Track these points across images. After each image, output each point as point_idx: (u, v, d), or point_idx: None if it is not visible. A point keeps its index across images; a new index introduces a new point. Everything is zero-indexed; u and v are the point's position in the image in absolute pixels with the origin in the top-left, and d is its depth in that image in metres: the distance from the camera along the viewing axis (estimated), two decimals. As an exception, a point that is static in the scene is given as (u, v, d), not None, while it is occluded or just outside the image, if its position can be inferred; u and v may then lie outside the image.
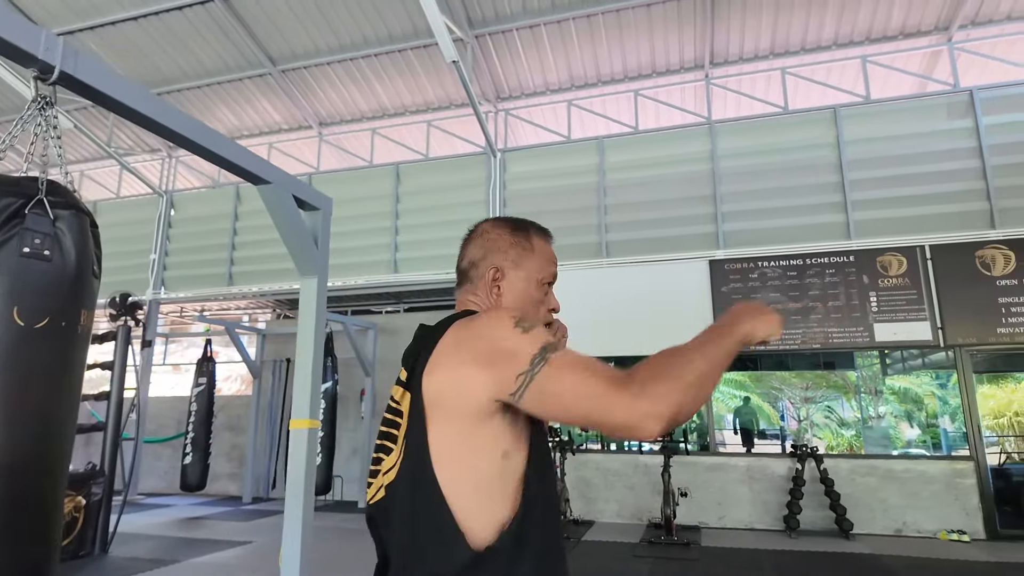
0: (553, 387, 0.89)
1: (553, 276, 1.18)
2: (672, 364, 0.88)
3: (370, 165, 9.65)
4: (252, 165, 2.67)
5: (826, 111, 7.71)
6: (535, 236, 1.18)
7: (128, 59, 9.48)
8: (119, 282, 9.87)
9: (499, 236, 1.17)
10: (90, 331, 1.77)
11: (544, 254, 1.17)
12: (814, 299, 7.22)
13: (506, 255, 1.14)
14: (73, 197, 1.75)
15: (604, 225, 8.16)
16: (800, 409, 15.69)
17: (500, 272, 1.13)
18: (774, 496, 6.90)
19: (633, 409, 0.84)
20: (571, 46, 8.66)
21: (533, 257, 1.15)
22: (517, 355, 0.91)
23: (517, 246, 1.15)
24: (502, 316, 0.98)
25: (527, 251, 1.15)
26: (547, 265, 1.16)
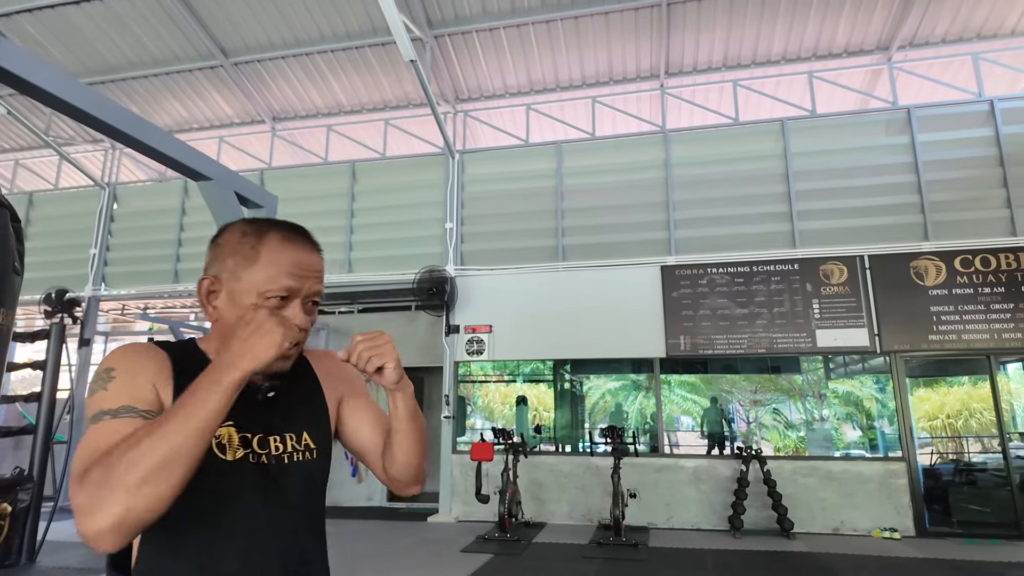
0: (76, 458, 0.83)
1: (286, 289, 0.98)
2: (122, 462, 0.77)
3: (325, 162, 9.48)
4: (191, 160, 2.59)
5: (774, 123, 7.97)
6: (271, 242, 1.00)
7: (70, 45, 9.07)
8: (56, 277, 9.43)
9: (226, 241, 1.02)
10: (10, 330, 1.68)
11: (277, 263, 0.98)
12: (760, 305, 7.45)
13: (225, 264, 1.00)
14: (-11, 189, 1.66)
15: (561, 229, 8.23)
16: (749, 411, 16.16)
17: (216, 283, 1.00)
18: (720, 497, 7.07)
19: (82, 525, 0.76)
20: (530, 51, 8.71)
21: (257, 267, 0.98)
22: (89, 409, 0.89)
23: (238, 254, 0.99)
24: (102, 364, 0.93)
25: (249, 260, 0.98)
26: (278, 277, 0.98)
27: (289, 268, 0.99)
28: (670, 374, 10.54)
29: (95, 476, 0.77)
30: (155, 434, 0.79)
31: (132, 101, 9.99)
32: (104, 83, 9.68)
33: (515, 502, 6.93)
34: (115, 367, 0.91)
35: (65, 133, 10.67)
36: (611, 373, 10.74)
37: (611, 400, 16.21)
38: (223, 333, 0.99)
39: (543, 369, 9.68)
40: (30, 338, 6.09)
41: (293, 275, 0.99)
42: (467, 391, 9.71)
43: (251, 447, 0.99)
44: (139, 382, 0.91)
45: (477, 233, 8.52)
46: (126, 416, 0.86)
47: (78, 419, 8.97)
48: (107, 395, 0.88)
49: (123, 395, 0.88)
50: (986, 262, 7.00)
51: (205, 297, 1.00)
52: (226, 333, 0.96)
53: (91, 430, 0.84)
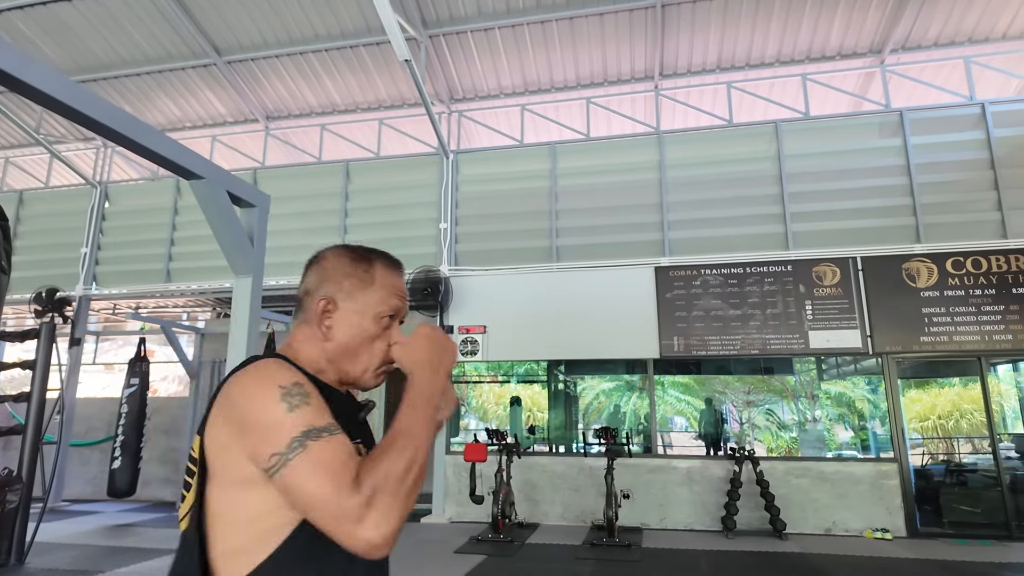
0: (299, 482, 0.83)
1: (395, 310, 1.07)
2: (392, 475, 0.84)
3: (319, 162, 9.44)
4: (183, 159, 2.57)
5: (768, 125, 8.00)
6: (379, 267, 1.09)
7: (62, 43, 9.00)
8: (47, 276, 9.35)
9: (336, 265, 1.08)
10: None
11: (387, 286, 1.07)
12: (753, 306, 7.47)
13: (340, 286, 1.06)
14: (-24, 187, 1.64)
15: (555, 230, 8.23)
16: (742, 412, 16.21)
17: (332, 303, 1.05)
18: (713, 497, 7.09)
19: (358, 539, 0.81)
20: (525, 51, 8.71)
21: (372, 289, 1.06)
22: (275, 432, 0.86)
23: (354, 276, 1.06)
24: (268, 384, 0.90)
25: (365, 282, 1.06)
26: (388, 298, 1.07)
27: (396, 291, 1.08)
28: (664, 375, 10.57)
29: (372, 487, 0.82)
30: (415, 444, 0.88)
31: (125, 99, 9.92)
32: (96, 81, 9.60)
33: (509, 503, 6.93)
34: (301, 382, 0.92)
35: (56, 131, 10.59)
36: (605, 374, 10.76)
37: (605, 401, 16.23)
38: (336, 351, 1.04)
39: (537, 370, 9.68)
40: (19, 337, 6.04)
41: (399, 297, 1.09)
42: (461, 392, 9.69)
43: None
44: (322, 403, 0.93)
45: (471, 233, 8.51)
46: (338, 433, 0.88)
47: (67, 420, 8.91)
48: (313, 411, 0.89)
49: (324, 413, 0.90)
50: (977, 264, 7.04)
51: (319, 316, 1.04)
52: (339, 351, 1.04)
53: (323, 444, 0.85)
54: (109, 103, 2.30)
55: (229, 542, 0.90)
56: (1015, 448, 7.33)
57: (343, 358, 1.04)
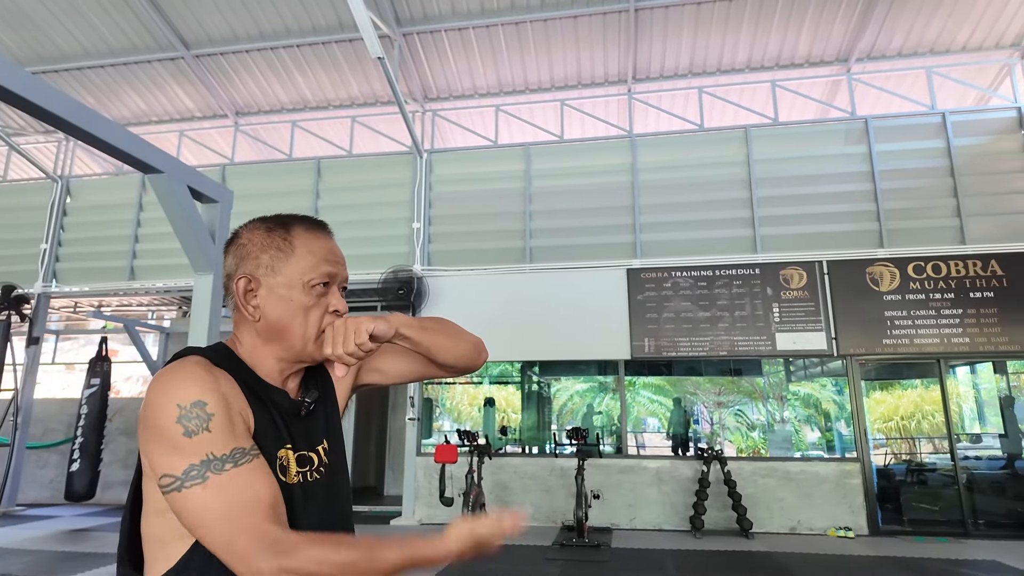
0: (195, 515, 0.80)
1: (328, 275, 1.00)
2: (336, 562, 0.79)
3: (289, 159, 9.30)
4: (141, 152, 2.50)
5: (738, 130, 8.12)
6: (299, 232, 1.01)
7: (21, 32, 8.71)
8: (4, 273, 9.05)
9: (252, 239, 1.00)
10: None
11: (313, 252, 1.00)
12: (722, 309, 7.57)
13: (259, 261, 0.98)
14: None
15: (528, 231, 8.24)
16: (713, 413, 16.43)
17: (253, 281, 0.98)
18: (682, 497, 7.16)
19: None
20: (499, 52, 8.70)
21: (295, 258, 0.98)
22: (170, 455, 0.81)
23: (272, 247, 0.99)
24: (168, 400, 0.83)
25: (285, 252, 0.98)
26: (318, 264, 0.99)
27: (324, 255, 1.01)
28: (635, 376, 10.64)
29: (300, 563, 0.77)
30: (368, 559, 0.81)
31: (88, 92, 9.65)
32: (58, 72, 9.32)
33: (479, 504, 6.89)
34: (206, 400, 0.84)
35: (15, 123, 10.24)
36: (577, 375, 10.79)
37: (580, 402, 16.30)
38: (268, 330, 0.98)
39: (512, 371, 9.67)
40: (-29, 336, 5.82)
41: (329, 261, 1.01)
42: (435, 393, 9.64)
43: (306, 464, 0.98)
44: (233, 417, 0.86)
45: (444, 233, 8.46)
46: (244, 461, 0.83)
47: (23, 422, 8.62)
48: (213, 438, 0.82)
49: (228, 436, 0.83)
50: (937, 269, 7.25)
51: (243, 297, 0.98)
52: (272, 329, 0.97)
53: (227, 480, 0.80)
54: (63, 94, 2.22)
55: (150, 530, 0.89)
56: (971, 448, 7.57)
57: (278, 336, 0.98)
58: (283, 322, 0.97)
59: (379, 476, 10.50)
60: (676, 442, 9.44)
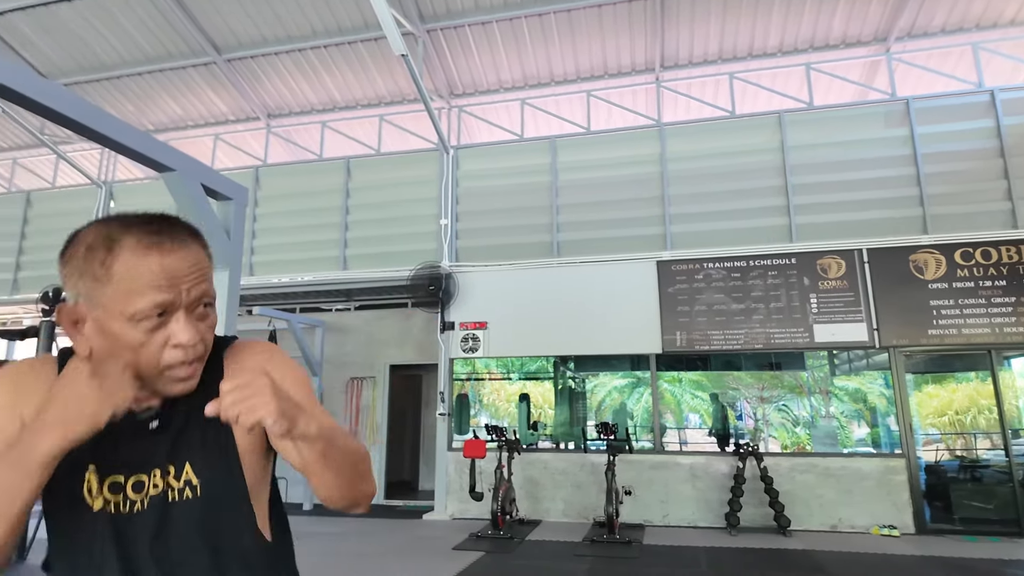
0: None
1: (158, 305, 0.81)
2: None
3: (320, 159, 9.44)
4: (153, 151, 2.54)
5: (771, 116, 7.87)
6: (124, 253, 0.81)
7: (63, 43, 9.06)
8: (54, 275, 9.42)
9: (73, 258, 0.83)
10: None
11: (135, 277, 0.81)
12: (757, 300, 7.36)
13: (77, 289, 0.83)
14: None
15: (556, 224, 8.16)
16: (757, 409, 16.01)
17: (76, 313, 0.83)
18: (716, 494, 7.00)
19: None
20: (524, 45, 8.64)
21: (111, 287, 0.80)
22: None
23: (87, 274, 0.81)
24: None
25: (100, 281, 0.81)
26: (142, 292, 0.81)
27: (154, 280, 0.81)
28: (667, 371, 10.46)
29: None
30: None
31: (127, 99, 9.99)
32: (99, 81, 9.67)
33: (509, 499, 6.88)
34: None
35: (62, 132, 10.67)
36: (610, 370, 10.65)
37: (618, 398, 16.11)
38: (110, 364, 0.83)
39: (547, 367, 9.62)
40: (19, 335, 6.08)
41: (161, 287, 0.81)
42: (473, 389, 9.66)
43: (122, 492, 0.87)
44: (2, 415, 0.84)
45: (472, 229, 8.46)
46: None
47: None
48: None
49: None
50: (987, 255, 6.88)
51: (71, 327, 0.83)
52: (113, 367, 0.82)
53: None
54: (76, 96, 2.27)
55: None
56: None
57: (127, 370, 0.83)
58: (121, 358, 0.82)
59: (413, 471, 10.60)
60: (716, 438, 9.23)
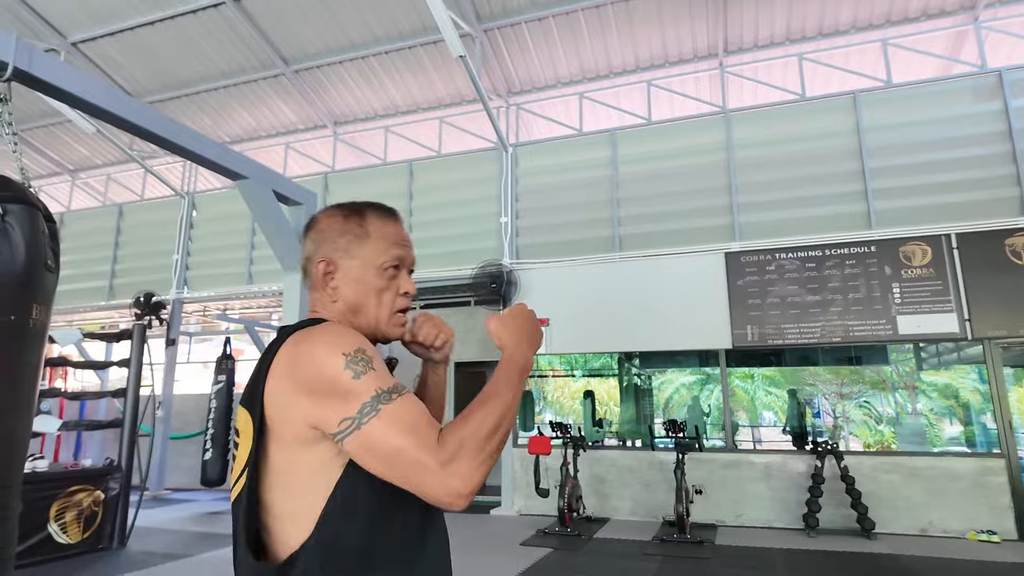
0: (377, 444, 0.86)
1: (398, 259, 1.08)
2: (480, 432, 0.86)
3: (384, 163, 9.69)
4: (227, 160, 2.67)
5: (845, 97, 7.46)
6: (372, 218, 1.09)
7: (147, 63, 9.70)
8: (145, 282, 10.14)
9: (330, 225, 1.09)
10: (45, 325, 1.77)
11: (385, 236, 1.08)
12: (834, 291, 7.00)
13: (336, 245, 1.07)
14: (25, 191, 1.75)
15: (617, 218, 8.05)
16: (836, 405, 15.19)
17: (331, 264, 1.06)
18: (794, 494, 6.72)
19: (443, 486, 0.83)
20: (581, 38, 8.55)
21: (369, 242, 1.07)
22: (345, 398, 0.88)
23: (348, 233, 1.07)
24: (333, 351, 0.91)
25: (360, 237, 1.07)
26: (389, 248, 1.07)
27: (395, 240, 1.09)
28: (738, 367, 10.12)
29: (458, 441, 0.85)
30: (499, 409, 0.89)
31: (204, 113, 10.57)
32: (179, 98, 10.29)
33: (575, 497, 6.85)
34: (363, 348, 0.93)
35: (148, 147, 11.42)
36: (677, 366, 10.42)
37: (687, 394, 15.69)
38: (346, 310, 1.05)
39: (611, 363, 9.52)
40: (115, 338, 6.55)
41: (400, 245, 1.09)
42: (536, 386, 9.68)
43: None
44: (384, 363, 0.95)
45: (532, 226, 8.46)
46: (406, 392, 0.92)
47: (165, 415, 9.62)
48: (378, 375, 0.91)
49: (388, 374, 0.93)
50: (1095, 237, 6.28)
51: (322, 278, 1.06)
52: (349, 309, 1.05)
53: (397, 405, 0.88)
54: (154, 111, 2.40)
55: (287, 504, 0.92)
56: None
57: (355, 315, 1.05)
58: (359, 302, 1.05)
59: (480, 467, 10.71)
60: (792, 436, 8.86)
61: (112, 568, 5.21)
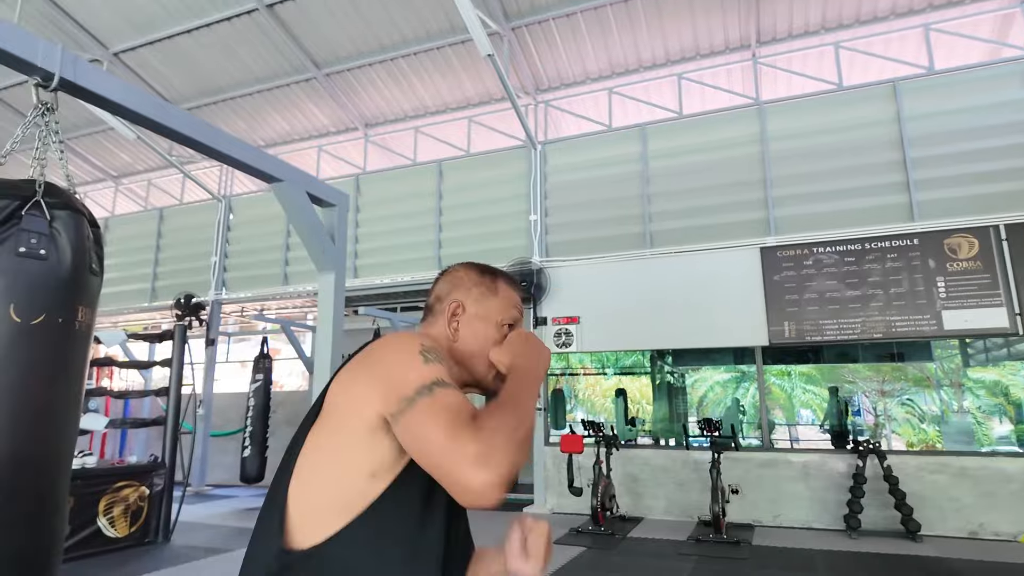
0: (420, 426, 0.89)
1: (514, 319, 1.19)
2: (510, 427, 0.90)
3: (414, 163, 9.76)
4: (263, 164, 2.71)
5: (884, 86, 7.23)
6: (502, 282, 1.22)
7: (184, 71, 9.96)
8: (185, 284, 10.43)
9: (467, 275, 1.21)
10: (91, 327, 1.83)
11: (508, 299, 1.19)
12: (874, 286, 6.80)
13: (469, 292, 1.18)
14: (71, 198, 1.81)
15: (648, 215, 7.96)
16: (876, 403, 14.72)
17: (461, 307, 1.16)
18: (834, 494, 6.55)
19: (477, 479, 0.84)
20: (609, 33, 8.47)
21: (496, 299, 1.18)
22: (407, 379, 0.93)
23: (482, 286, 1.19)
24: (411, 341, 1.00)
25: (491, 292, 1.19)
26: (509, 309, 1.19)
27: (516, 304, 1.21)
28: (777, 363, 9.92)
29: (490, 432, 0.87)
30: (523, 407, 0.95)
31: (239, 118, 10.81)
32: (216, 103, 10.54)
33: (609, 495, 6.80)
34: (433, 348, 1.01)
35: (186, 153, 11.73)
36: (709, 364, 10.27)
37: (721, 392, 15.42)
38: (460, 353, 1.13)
39: (643, 361, 9.44)
40: (157, 338, 6.75)
41: (519, 308, 1.21)
42: (567, 384, 9.65)
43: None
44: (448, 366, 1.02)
45: (562, 224, 8.42)
46: (454, 388, 0.96)
47: (205, 413, 9.89)
48: (444, 368, 0.98)
49: (447, 373, 0.98)
50: None
51: (449, 317, 1.15)
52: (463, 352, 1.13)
53: (447, 392, 0.93)
54: (191, 116, 2.46)
55: (312, 500, 0.94)
56: None
57: (468, 360, 1.13)
58: (474, 349, 1.14)
59: (512, 465, 10.72)
60: (832, 434, 8.63)
61: (158, 562, 5.38)
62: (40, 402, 1.67)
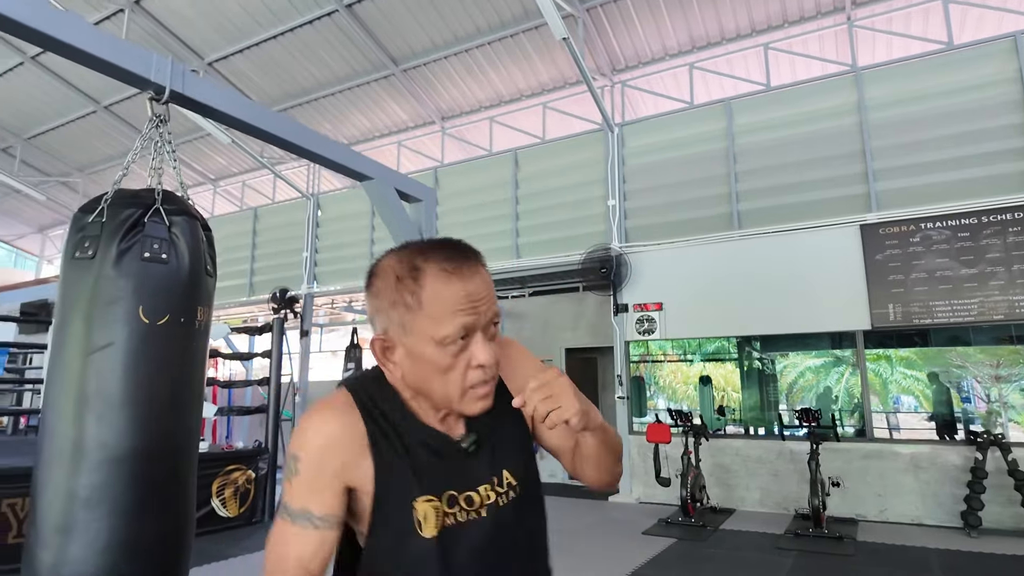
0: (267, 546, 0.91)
1: (464, 327, 0.86)
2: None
3: (489, 153, 9.81)
4: (354, 163, 2.78)
5: (1003, 41, 6.52)
6: (429, 280, 0.87)
7: (272, 75, 10.45)
8: (279, 279, 11.02)
9: (384, 288, 0.90)
10: (208, 325, 1.94)
11: (443, 303, 0.86)
12: (993, 263, 6.20)
13: (390, 319, 0.89)
14: (185, 204, 1.93)
15: (735, 194, 7.61)
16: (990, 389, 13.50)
17: (388, 342, 0.90)
18: (948, 488, 6.08)
19: None
20: (689, 5, 8.12)
21: (422, 315, 0.86)
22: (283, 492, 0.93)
23: (400, 304, 0.88)
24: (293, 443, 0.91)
25: (412, 309, 0.87)
26: (448, 319, 0.86)
27: (456, 305, 0.86)
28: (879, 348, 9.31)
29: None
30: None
31: (324, 118, 11.24)
32: (301, 105, 11.00)
33: (698, 486, 6.62)
34: (300, 456, 0.88)
35: (276, 154, 12.34)
36: (805, 349, 9.75)
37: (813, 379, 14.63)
38: (412, 387, 0.93)
39: (729, 347, 9.09)
40: (258, 331, 7.17)
41: (463, 311, 0.87)
42: (649, 371, 9.46)
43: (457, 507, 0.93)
44: (323, 481, 0.88)
45: (642, 208, 8.21)
46: (300, 523, 0.87)
47: (302, 401, 10.44)
48: (291, 490, 0.89)
49: (303, 495, 0.88)
50: None
51: (382, 356, 0.92)
52: (414, 387, 0.93)
53: (276, 526, 0.91)
54: (288, 119, 2.55)
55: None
56: None
57: (423, 393, 0.92)
58: (420, 386, 0.91)
59: (596, 453, 10.66)
60: (938, 423, 8.00)
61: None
62: (170, 396, 1.79)
